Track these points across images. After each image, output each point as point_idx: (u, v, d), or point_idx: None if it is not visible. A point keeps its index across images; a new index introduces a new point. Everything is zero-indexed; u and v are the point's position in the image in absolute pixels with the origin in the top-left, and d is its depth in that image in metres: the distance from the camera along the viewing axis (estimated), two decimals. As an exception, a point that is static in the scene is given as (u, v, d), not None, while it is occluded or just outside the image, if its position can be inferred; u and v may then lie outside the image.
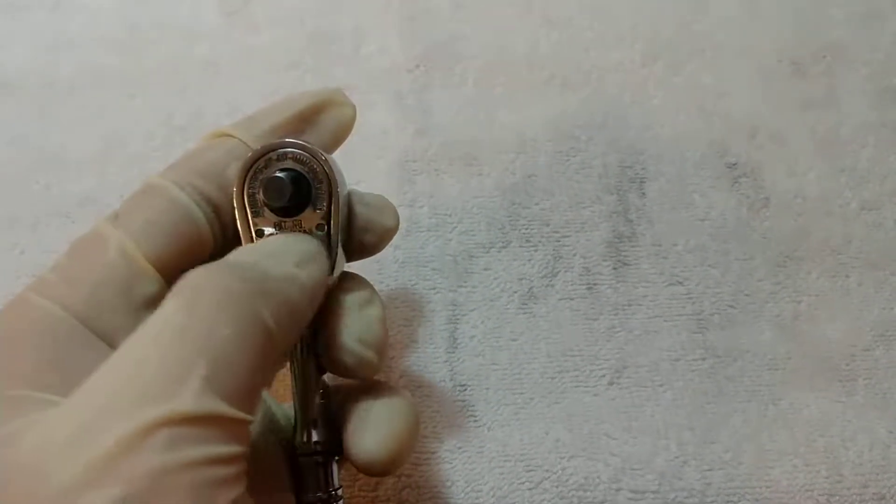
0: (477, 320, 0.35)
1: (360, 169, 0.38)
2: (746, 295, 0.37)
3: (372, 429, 0.26)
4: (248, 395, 0.20)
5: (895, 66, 0.42)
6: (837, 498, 0.32)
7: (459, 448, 0.33)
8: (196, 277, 0.21)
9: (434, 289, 0.36)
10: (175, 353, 0.19)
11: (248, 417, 0.20)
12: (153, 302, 0.23)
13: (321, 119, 0.28)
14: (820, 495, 0.32)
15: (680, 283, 0.37)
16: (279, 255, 0.24)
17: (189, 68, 0.41)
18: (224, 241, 0.26)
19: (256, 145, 0.26)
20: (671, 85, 0.41)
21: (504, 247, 0.37)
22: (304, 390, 0.26)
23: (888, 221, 0.38)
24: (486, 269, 0.36)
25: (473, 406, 0.34)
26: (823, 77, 0.42)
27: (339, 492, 0.26)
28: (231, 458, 0.19)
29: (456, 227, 0.37)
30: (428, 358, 0.35)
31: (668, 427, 0.34)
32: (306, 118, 0.28)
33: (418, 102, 0.40)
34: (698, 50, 0.42)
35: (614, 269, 0.37)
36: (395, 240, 0.36)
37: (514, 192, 0.38)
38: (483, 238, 0.37)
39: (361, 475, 0.32)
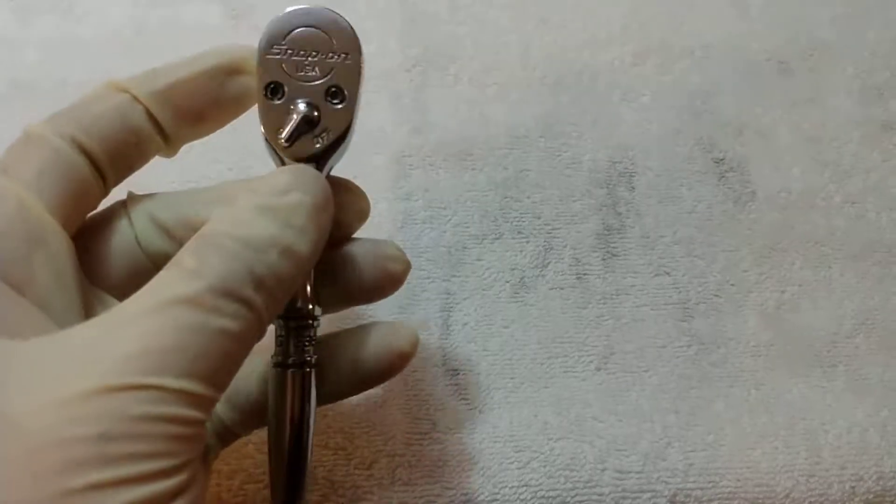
0: (470, 308, 0.37)
1: (357, 164, 0.39)
2: (732, 285, 0.38)
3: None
4: (225, 374, 0.22)
5: (879, 64, 0.44)
6: (816, 478, 0.33)
7: (451, 429, 0.34)
8: (198, 252, 0.22)
9: (429, 278, 0.37)
10: (166, 334, 0.20)
11: (217, 396, 0.21)
12: (57, 253, 0.24)
13: (232, 82, 0.27)
14: (800, 476, 0.33)
15: (667, 273, 0.38)
16: (280, 214, 0.23)
17: (195, 69, 0.42)
18: (106, 192, 0.26)
19: (150, 103, 0.26)
20: (661, 83, 0.43)
21: (497, 238, 0.38)
22: None
23: (870, 214, 0.40)
24: (478, 260, 0.38)
25: (465, 390, 0.35)
26: (810, 75, 0.43)
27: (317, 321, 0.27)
28: (196, 421, 0.21)
29: (450, 220, 0.38)
30: (422, 344, 0.36)
31: (653, 411, 0.35)
32: (214, 78, 0.27)
33: (415, 101, 0.41)
34: (688, 50, 0.44)
35: (603, 259, 0.38)
36: (391, 232, 0.38)
37: (506, 186, 0.39)
38: (476, 230, 0.38)
39: (355, 456, 0.33)
